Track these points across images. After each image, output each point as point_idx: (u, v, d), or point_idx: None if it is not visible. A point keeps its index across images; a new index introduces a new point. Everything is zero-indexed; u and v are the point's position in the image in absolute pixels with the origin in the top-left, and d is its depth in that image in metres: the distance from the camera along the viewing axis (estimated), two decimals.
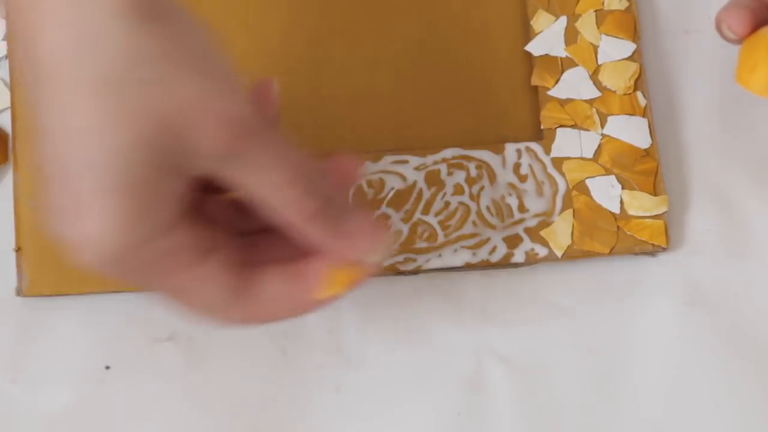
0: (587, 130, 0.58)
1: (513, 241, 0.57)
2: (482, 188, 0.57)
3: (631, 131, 0.58)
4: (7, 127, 0.59)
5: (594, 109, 0.58)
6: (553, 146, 0.58)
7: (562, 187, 0.57)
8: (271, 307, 0.47)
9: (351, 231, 0.47)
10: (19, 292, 0.57)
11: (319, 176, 0.46)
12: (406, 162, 0.58)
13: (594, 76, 0.58)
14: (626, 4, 0.59)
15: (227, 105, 0.43)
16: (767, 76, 0.51)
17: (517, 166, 0.57)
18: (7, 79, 0.59)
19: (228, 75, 0.44)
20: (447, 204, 0.57)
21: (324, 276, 0.47)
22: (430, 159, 0.58)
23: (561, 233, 0.57)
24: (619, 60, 0.58)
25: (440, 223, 0.57)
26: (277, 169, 0.44)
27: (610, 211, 0.57)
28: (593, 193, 0.57)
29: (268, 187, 0.45)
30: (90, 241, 0.43)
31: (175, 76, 0.43)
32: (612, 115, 0.58)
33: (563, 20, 0.59)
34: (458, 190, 0.57)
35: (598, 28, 0.59)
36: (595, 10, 0.59)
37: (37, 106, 0.43)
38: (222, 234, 0.46)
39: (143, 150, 0.42)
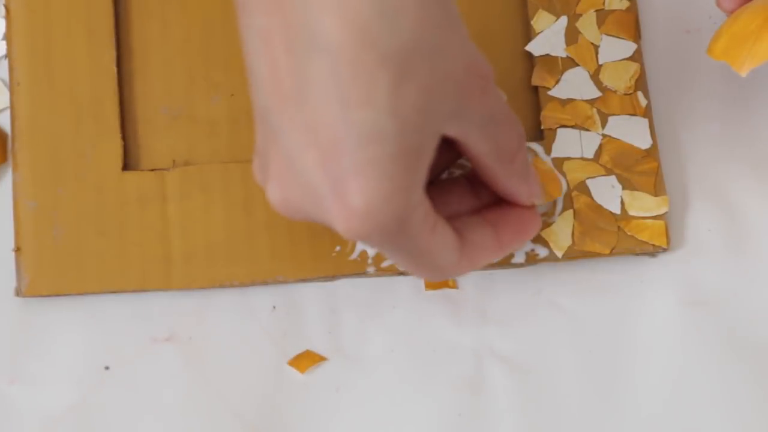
0: (588, 130, 0.58)
1: None
2: None
3: (631, 131, 0.58)
4: (7, 127, 0.59)
5: (594, 110, 0.58)
6: (554, 146, 0.58)
7: (562, 187, 0.57)
8: (481, 255, 0.50)
9: (532, 174, 0.51)
10: (19, 292, 0.57)
11: (518, 121, 0.50)
12: None
13: (594, 76, 0.58)
14: (627, 3, 0.59)
15: (485, 63, 0.46)
16: (725, 42, 0.52)
17: None
18: (7, 79, 0.59)
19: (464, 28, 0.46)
20: None
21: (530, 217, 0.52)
22: None
23: (561, 234, 0.57)
24: (620, 60, 0.58)
25: None
26: (496, 114, 0.48)
27: (611, 212, 0.57)
28: (594, 194, 0.57)
29: (485, 131, 0.47)
30: (367, 211, 0.44)
31: (453, 41, 0.45)
32: (612, 115, 0.58)
33: (564, 20, 0.59)
34: None
35: (599, 28, 0.59)
36: (596, 10, 0.59)
37: (282, 77, 0.44)
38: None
39: (423, 116, 0.44)
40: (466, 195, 0.53)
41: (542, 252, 0.57)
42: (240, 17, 0.46)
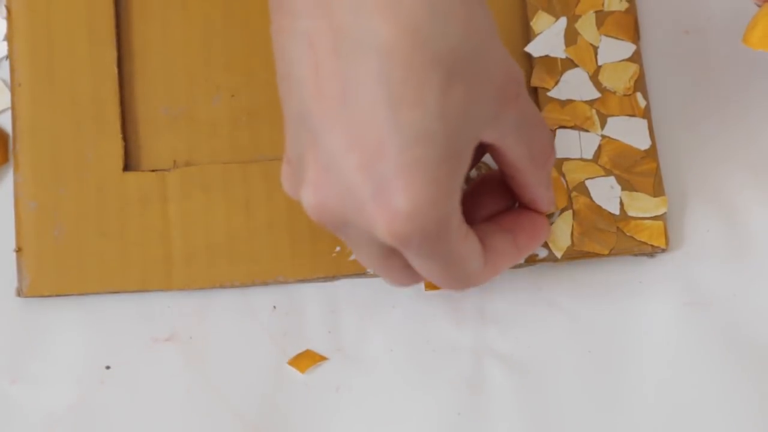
0: (587, 131, 0.58)
1: None
2: None
3: (630, 132, 0.58)
4: (8, 128, 0.59)
5: (594, 110, 0.58)
6: None
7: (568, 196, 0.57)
8: (503, 262, 0.51)
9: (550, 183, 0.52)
10: (20, 292, 0.57)
11: (547, 126, 0.50)
12: None
13: (594, 77, 0.58)
14: (626, 4, 0.59)
15: (518, 69, 0.47)
16: (762, 31, 0.52)
17: None
18: (8, 80, 0.59)
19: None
20: None
21: (542, 222, 0.53)
22: None
23: (561, 234, 0.57)
24: (619, 61, 0.58)
25: None
26: (530, 118, 0.48)
27: (610, 212, 0.57)
28: (593, 194, 0.57)
29: (520, 135, 0.48)
30: (411, 212, 0.44)
31: (493, 47, 0.45)
32: (612, 116, 0.58)
33: (563, 21, 0.59)
34: None
35: (598, 29, 0.59)
36: (595, 11, 0.59)
37: (325, 79, 0.44)
38: None
39: (465, 119, 0.44)
40: (479, 203, 0.53)
41: (541, 253, 0.57)
42: (277, 20, 0.45)
